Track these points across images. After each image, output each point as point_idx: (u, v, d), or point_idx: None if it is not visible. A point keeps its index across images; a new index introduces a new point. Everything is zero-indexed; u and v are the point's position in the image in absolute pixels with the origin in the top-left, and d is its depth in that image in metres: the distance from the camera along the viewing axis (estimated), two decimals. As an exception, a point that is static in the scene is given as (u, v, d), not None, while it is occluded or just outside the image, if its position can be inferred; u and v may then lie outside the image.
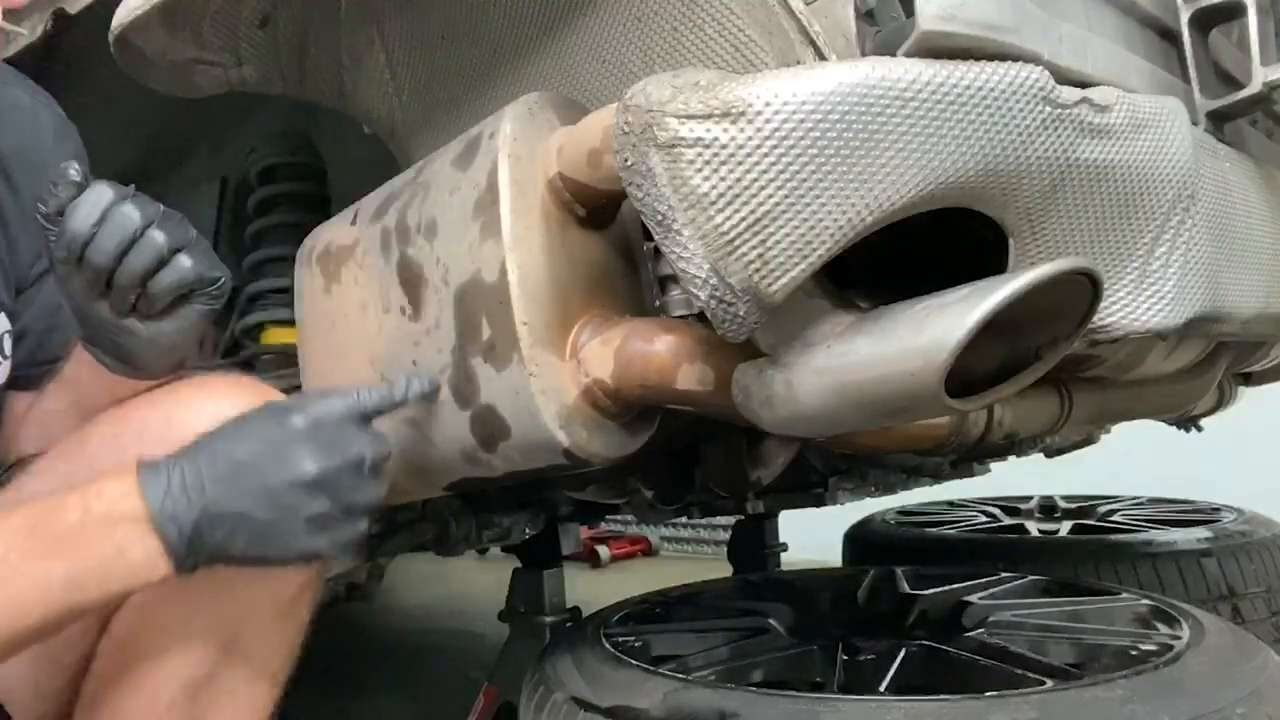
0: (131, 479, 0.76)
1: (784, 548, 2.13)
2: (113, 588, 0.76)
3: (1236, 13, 0.95)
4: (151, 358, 0.87)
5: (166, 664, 0.88)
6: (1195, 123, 0.93)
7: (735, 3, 0.79)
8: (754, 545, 2.10)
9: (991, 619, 1.22)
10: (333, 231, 1.03)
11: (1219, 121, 0.97)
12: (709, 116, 0.64)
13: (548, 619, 1.55)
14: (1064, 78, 0.72)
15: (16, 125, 1.02)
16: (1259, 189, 0.99)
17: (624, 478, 1.31)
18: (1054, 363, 0.72)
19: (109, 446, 0.89)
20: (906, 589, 1.40)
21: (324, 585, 1.22)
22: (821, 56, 0.74)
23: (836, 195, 0.64)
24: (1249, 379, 1.67)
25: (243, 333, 1.54)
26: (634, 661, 1.07)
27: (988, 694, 0.90)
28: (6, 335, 1.00)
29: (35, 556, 0.73)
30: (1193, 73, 0.96)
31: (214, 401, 0.88)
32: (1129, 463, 2.48)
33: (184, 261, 0.81)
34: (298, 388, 1.04)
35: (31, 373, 1.03)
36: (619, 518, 3.35)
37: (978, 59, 0.67)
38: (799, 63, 0.75)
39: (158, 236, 0.80)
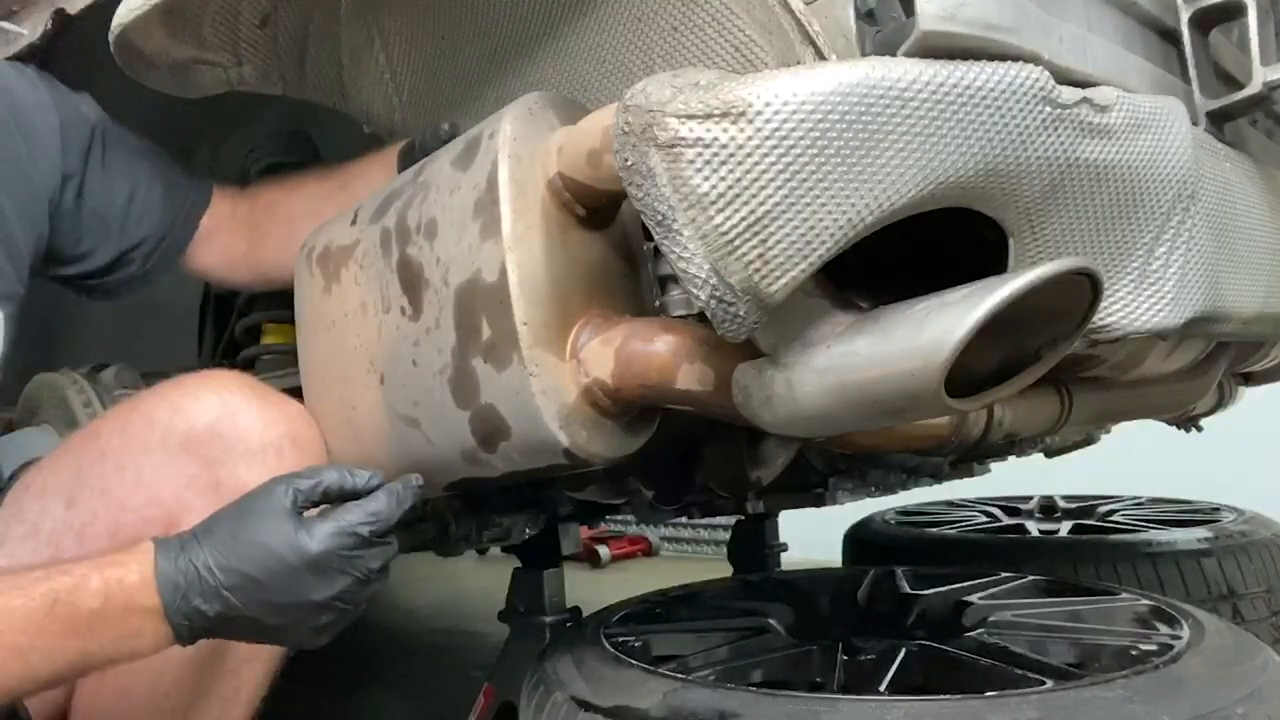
0: (150, 569, 0.78)
1: (784, 548, 2.13)
2: (119, 660, 0.80)
3: (1236, 13, 0.95)
4: None
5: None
6: (1195, 123, 0.93)
7: (735, 3, 0.79)
8: (754, 545, 2.10)
9: (991, 619, 1.22)
10: (333, 231, 1.02)
11: (1219, 121, 0.97)
12: (709, 116, 0.64)
13: (548, 619, 1.55)
14: (1064, 78, 0.72)
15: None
16: (1259, 189, 0.99)
17: (624, 478, 1.31)
18: (1054, 363, 0.72)
19: (120, 436, 0.92)
20: (906, 589, 1.40)
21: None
22: (821, 56, 0.73)
23: (836, 195, 0.64)
24: (1249, 379, 1.67)
25: (243, 333, 1.54)
26: (634, 661, 1.07)
27: (988, 694, 0.90)
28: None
29: (53, 635, 0.76)
30: (1193, 73, 0.96)
31: (218, 393, 0.92)
32: (1129, 463, 2.47)
33: None
34: (298, 388, 1.04)
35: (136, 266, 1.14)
36: (619, 518, 3.35)
37: (978, 59, 0.67)
38: (799, 63, 0.75)
39: None
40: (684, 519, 3.13)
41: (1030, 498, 2.39)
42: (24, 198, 1.02)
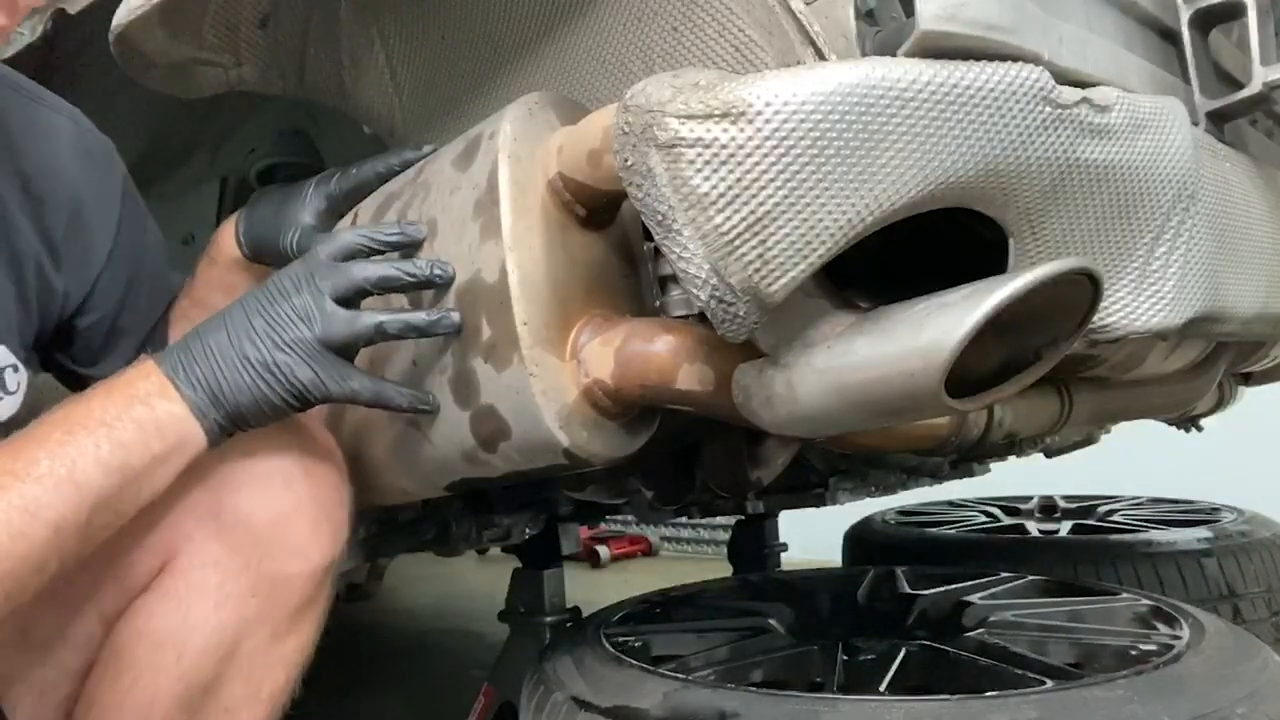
0: (145, 359, 0.83)
1: (784, 548, 2.13)
2: (154, 447, 0.79)
3: (1236, 13, 0.95)
4: None
5: (161, 677, 0.86)
6: (1195, 123, 0.93)
7: (735, 3, 0.79)
8: (754, 545, 2.10)
9: (991, 619, 1.22)
10: (333, 231, 1.02)
11: (1219, 121, 0.97)
12: (709, 116, 0.64)
13: (548, 619, 1.55)
14: (1064, 78, 0.72)
15: (48, 154, 0.98)
16: (1259, 189, 0.99)
17: (624, 478, 1.31)
18: (1054, 363, 0.72)
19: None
20: (906, 589, 1.40)
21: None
22: (821, 56, 0.74)
23: (836, 195, 0.64)
24: (1249, 379, 1.67)
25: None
26: (634, 661, 1.07)
27: (988, 694, 0.90)
28: (9, 370, 0.96)
29: (79, 430, 0.78)
30: (1193, 73, 0.96)
31: None
32: (1129, 463, 2.48)
33: None
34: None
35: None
36: (619, 518, 3.35)
37: (978, 59, 0.67)
38: (799, 63, 0.75)
39: None
40: (684, 519, 3.14)
41: (1030, 498, 2.39)
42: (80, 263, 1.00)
